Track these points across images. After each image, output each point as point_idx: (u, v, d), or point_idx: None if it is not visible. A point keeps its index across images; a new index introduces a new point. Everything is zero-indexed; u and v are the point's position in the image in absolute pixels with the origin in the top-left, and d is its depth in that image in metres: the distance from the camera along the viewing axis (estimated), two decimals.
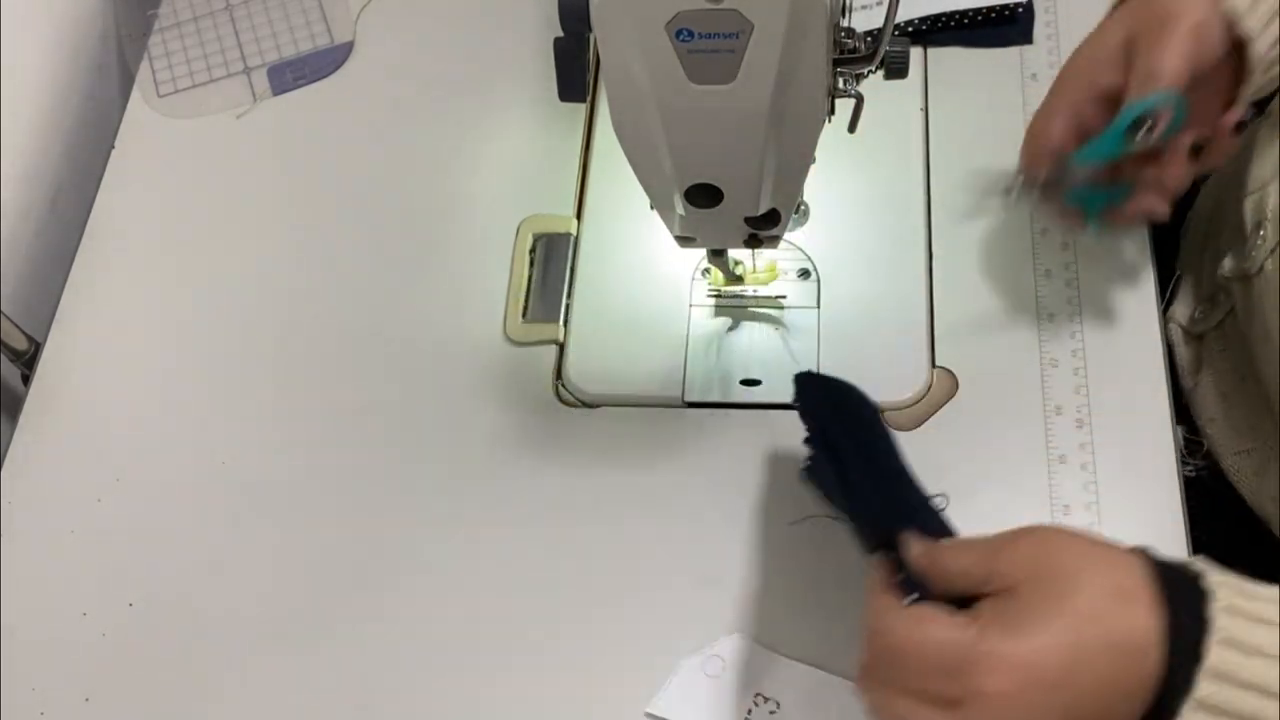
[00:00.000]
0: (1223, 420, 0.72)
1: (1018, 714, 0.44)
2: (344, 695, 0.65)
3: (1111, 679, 0.44)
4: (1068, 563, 0.46)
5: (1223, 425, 0.72)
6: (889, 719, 0.47)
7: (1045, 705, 0.44)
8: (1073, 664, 0.44)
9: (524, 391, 0.73)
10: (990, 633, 0.45)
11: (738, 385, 0.71)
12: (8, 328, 0.79)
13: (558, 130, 0.81)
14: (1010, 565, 0.47)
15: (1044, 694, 0.44)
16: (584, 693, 0.64)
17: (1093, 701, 0.44)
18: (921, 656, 0.46)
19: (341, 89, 0.86)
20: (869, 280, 0.73)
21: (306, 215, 0.81)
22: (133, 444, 0.74)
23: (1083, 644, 0.44)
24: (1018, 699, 0.44)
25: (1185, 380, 0.75)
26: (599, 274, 0.76)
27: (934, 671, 0.45)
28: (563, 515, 0.69)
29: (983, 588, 0.47)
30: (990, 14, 0.80)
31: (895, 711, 0.47)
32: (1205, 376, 0.74)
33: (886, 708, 0.47)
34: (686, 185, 0.56)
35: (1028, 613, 0.45)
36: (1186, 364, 0.75)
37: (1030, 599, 0.45)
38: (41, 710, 0.67)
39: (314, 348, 0.76)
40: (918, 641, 0.46)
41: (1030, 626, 0.44)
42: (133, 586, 0.70)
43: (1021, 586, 0.46)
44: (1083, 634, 0.44)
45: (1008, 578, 0.46)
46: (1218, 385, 0.73)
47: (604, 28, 0.48)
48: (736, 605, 0.65)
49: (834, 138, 0.58)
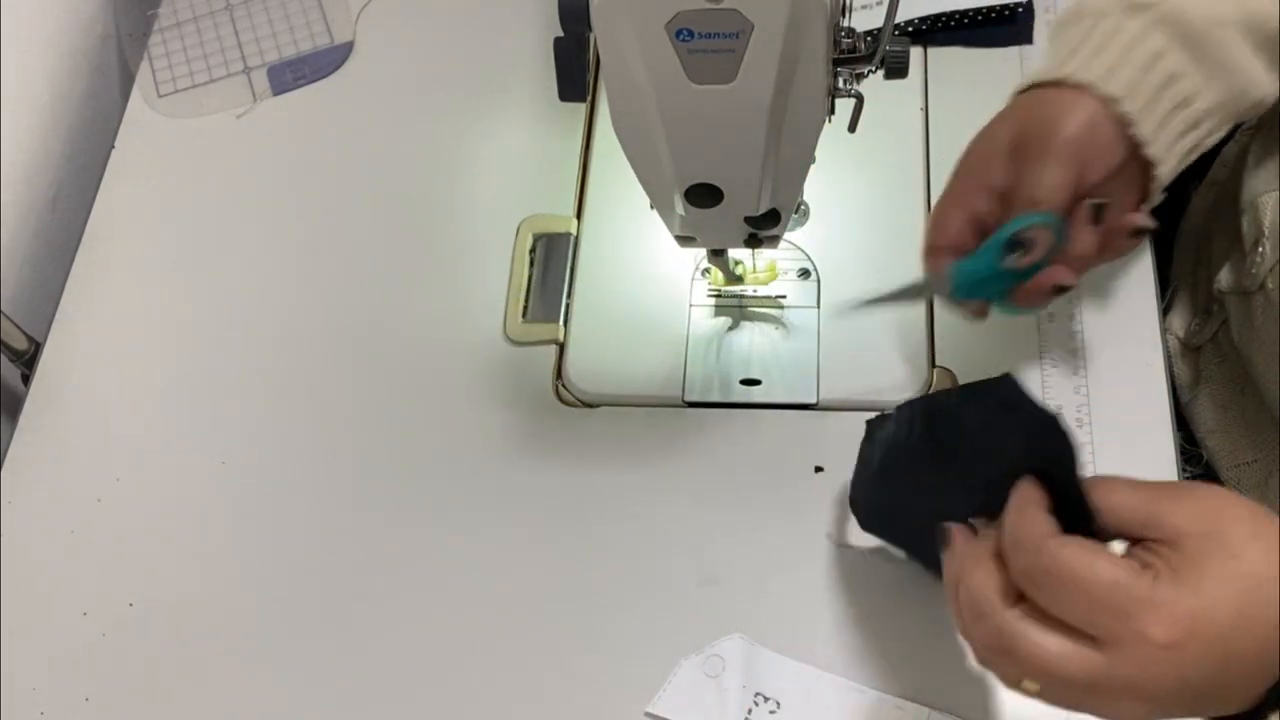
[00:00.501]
0: (1222, 433, 0.72)
1: (1171, 667, 0.44)
2: (344, 695, 0.65)
3: (1266, 649, 0.44)
4: (1240, 529, 0.46)
5: (1222, 438, 0.72)
6: (1018, 637, 0.47)
7: (1199, 661, 0.44)
8: (1234, 627, 0.44)
9: (524, 391, 0.73)
10: (1164, 581, 0.45)
11: (738, 385, 0.71)
12: (8, 328, 0.79)
13: (558, 130, 0.81)
14: (1179, 518, 0.46)
15: (1200, 650, 0.44)
16: (584, 693, 0.64)
17: (1241, 667, 0.44)
18: (1090, 587, 0.45)
19: (341, 89, 0.86)
20: (869, 280, 0.73)
21: (306, 215, 0.81)
22: (133, 444, 0.74)
23: (1247, 609, 0.44)
24: (1175, 651, 0.44)
25: (1183, 394, 0.74)
26: (599, 274, 0.76)
27: (1099, 605, 0.45)
28: (563, 515, 0.69)
29: (1140, 531, 0.47)
30: (990, 14, 0.80)
31: (1032, 637, 0.46)
32: (1203, 390, 0.73)
33: (1019, 630, 0.47)
34: (686, 185, 0.56)
35: (1199, 568, 0.45)
36: (1184, 378, 0.74)
37: (1199, 555, 0.45)
38: (41, 710, 0.67)
39: (314, 347, 0.76)
40: (1089, 571, 0.45)
41: (1202, 583, 0.44)
42: (133, 586, 0.70)
43: (1188, 541, 0.45)
44: (1250, 599, 0.44)
45: (1173, 529, 0.46)
46: (1216, 398, 0.72)
47: (604, 28, 0.48)
48: (736, 605, 0.65)
49: (834, 138, 0.58)
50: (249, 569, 0.70)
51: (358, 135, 0.84)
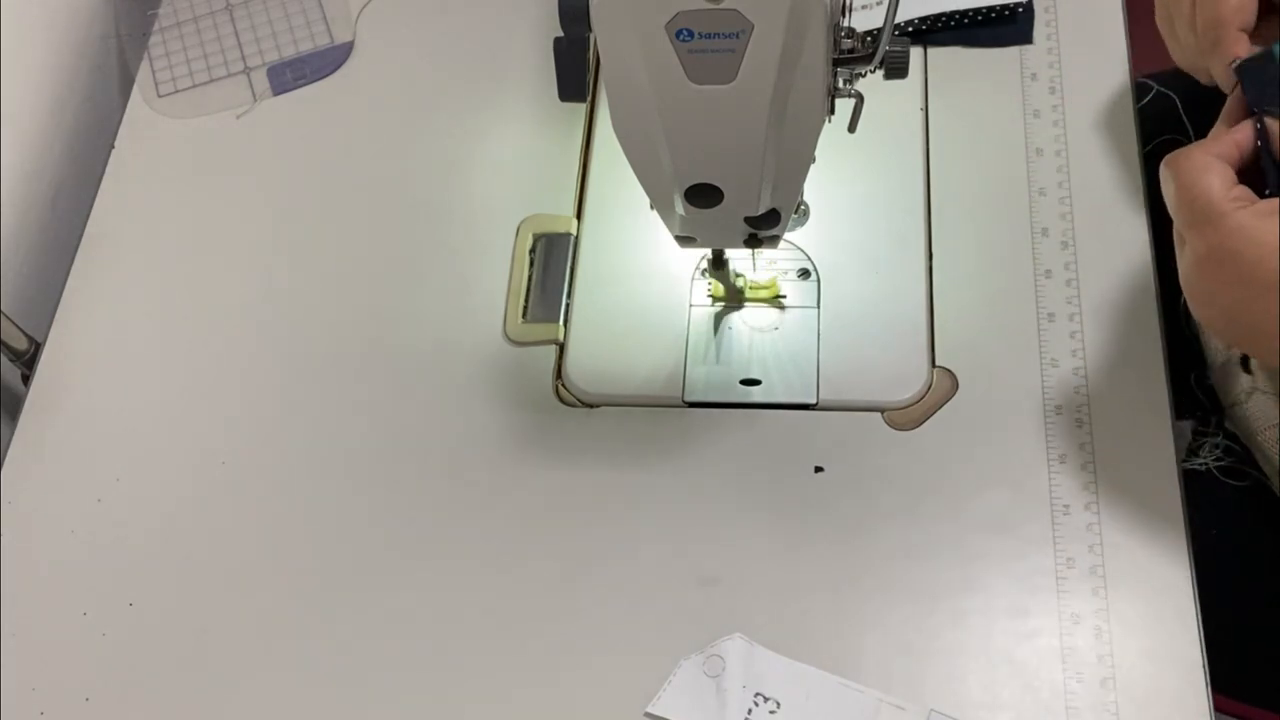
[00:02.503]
0: (1258, 394, 0.71)
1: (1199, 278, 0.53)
2: (344, 694, 0.65)
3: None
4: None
5: (1259, 398, 0.70)
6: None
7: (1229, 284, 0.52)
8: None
9: (524, 391, 0.73)
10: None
11: (738, 385, 0.71)
12: (8, 328, 0.79)
13: (558, 130, 0.81)
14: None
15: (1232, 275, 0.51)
16: (584, 693, 0.64)
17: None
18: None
19: (341, 89, 0.86)
20: (869, 280, 0.73)
21: (306, 215, 0.81)
22: (133, 444, 0.74)
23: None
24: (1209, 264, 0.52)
25: (1216, 356, 0.73)
26: (599, 274, 0.76)
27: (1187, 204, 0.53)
28: (563, 515, 0.69)
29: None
30: (990, 14, 0.80)
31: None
32: (1237, 352, 0.72)
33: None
34: (686, 185, 0.56)
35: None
36: (1217, 346, 0.74)
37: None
38: (41, 710, 0.67)
39: (313, 347, 0.76)
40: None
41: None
42: (133, 586, 0.70)
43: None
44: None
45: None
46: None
47: (604, 28, 0.48)
48: (736, 605, 0.65)
49: (834, 138, 0.58)
50: (249, 569, 0.70)
51: (358, 135, 0.84)
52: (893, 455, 0.68)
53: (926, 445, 0.68)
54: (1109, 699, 0.60)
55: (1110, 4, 0.80)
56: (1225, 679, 0.66)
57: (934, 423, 0.69)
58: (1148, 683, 0.60)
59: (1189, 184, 0.54)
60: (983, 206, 0.75)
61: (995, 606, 0.63)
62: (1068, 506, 0.65)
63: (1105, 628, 0.62)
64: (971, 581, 0.64)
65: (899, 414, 0.69)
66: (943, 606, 0.63)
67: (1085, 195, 0.74)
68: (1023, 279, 0.72)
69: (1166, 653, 0.61)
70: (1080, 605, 0.62)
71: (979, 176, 0.75)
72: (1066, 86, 0.78)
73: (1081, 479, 0.66)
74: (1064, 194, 0.74)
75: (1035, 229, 0.73)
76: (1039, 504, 0.65)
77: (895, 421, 0.69)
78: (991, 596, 0.63)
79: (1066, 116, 0.76)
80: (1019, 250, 0.73)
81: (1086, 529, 0.64)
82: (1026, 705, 0.61)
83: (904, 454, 0.68)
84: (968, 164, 0.76)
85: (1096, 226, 0.73)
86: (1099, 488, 0.65)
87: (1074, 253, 0.72)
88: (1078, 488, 0.66)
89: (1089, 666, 0.61)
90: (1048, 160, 0.75)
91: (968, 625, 0.63)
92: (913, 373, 0.70)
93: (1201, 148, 0.55)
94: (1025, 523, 0.65)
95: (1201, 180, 0.53)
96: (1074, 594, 0.63)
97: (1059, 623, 0.62)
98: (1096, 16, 0.80)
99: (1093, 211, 0.73)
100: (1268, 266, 0.50)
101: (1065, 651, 0.61)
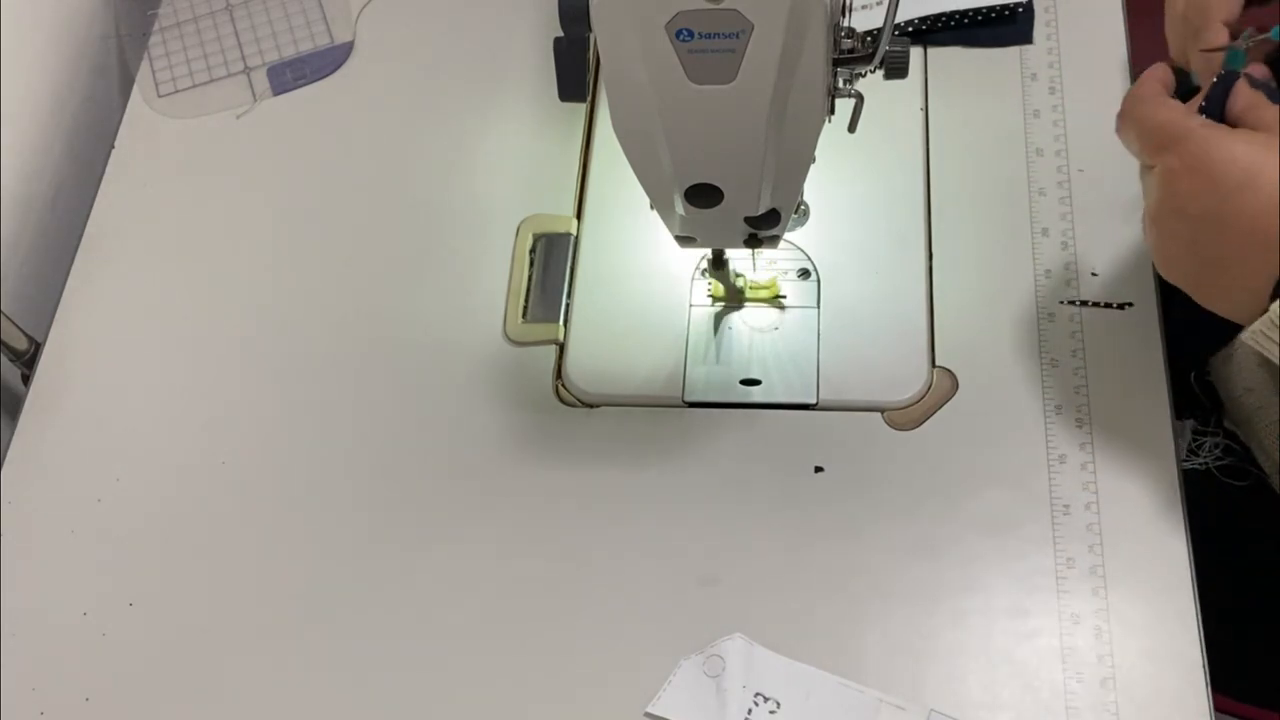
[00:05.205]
0: (1262, 387, 0.71)
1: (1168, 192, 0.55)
2: (344, 695, 0.65)
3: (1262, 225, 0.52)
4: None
5: (1263, 391, 0.70)
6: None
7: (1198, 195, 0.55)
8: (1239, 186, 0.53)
9: (524, 391, 0.73)
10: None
11: (738, 385, 0.71)
12: (8, 328, 0.79)
13: (558, 130, 0.81)
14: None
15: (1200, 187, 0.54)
16: (584, 693, 0.64)
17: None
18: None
19: (341, 89, 0.86)
20: (869, 280, 0.73)
21: (306, 215, 0.81)
22: (133, 444, 0.74)
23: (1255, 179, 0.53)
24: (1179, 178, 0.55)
25: (1225, 348, 0.73)
26: (599, 274, 0.76)
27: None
28: (563, 515, 0.69)
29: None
30: (990, 14, 0.80)
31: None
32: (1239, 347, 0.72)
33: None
34: (686, 185, 0.56)
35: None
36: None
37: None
38: (41, 710, 0.67)
39: (314, 347, 0.76)
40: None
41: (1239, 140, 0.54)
42: (133, 586, 0.70)
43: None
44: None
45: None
46: (1254, 356, 0.71)
47: (604, 28, 0.48)
48: (736, 605, 0.65)
49: (834, 138, 0.58)
50: (249, 569, 0.70)
51: (358, 135, 0.84)
52: (893, 455, 0.68)
53: (926, 445, 0.68)
54: (1109, 699, 0.60)
55: (1110, 4, 0.80)
56: (1225, 679, 0.66)
57: (934, 423, 0.69)
58: (1148, 683, 0.60)
59: (1150, 113, 0.58)
60: (983, 206, 0.75)
61: (995, 606, 0.63)
62: (1068, 506, 0.65)
63: (1105, 628, 0.62)
64: (971, 581, 0.64)
65: (899, 414, 0.69)
66: (943, 606, 0.63)
67: (1085, 195, 0.74)
68: (1023, 279, 0.72)
69: (1166, 653, 0.61)
70: (1080, 605, 0.62)
71: (979, 176, 0.75)
72: (1066, 86, 0.78)
73: (1081, 479, 0.66)
74: (1064, 194, 0.74)
75: (1035, 229, 0.73)
76: (1039, 504, 0.65)
77: (895, 421, 0.69)
78: (991, 596, 0.63)
79: (1066, 116, 0.76)
80: (1019, 250, 0.73)
81: (1086, 529, 0.64)
82: (1026, 705, 0.61)
83: (904, 454, 0.68)
84: (968, 164, 0.76)
85: (1096, 226, 0.73)
86: (1099, 488, 0.65)
87: (1074, 253, 0.72)
88: (1078, 488, 0.66)
89: (1089, 666, 0.61)
90: (1048, 160, 0.75)
91: (968, 625, 0.63)
92: (913, 373, 0.70)
93: (1145, 85, 0.60)
94: (1025, 523, 0.65)
95: (1163, 109, 0.58)
96: (1074, 594, 0.63)
97: (1059, 623, 0.62)
98: (1096, 16, 0.80)
99: (1093, 211, 0.73)
100: (1241, 166, 0.54)
101: (1065, 651, 0.61)
